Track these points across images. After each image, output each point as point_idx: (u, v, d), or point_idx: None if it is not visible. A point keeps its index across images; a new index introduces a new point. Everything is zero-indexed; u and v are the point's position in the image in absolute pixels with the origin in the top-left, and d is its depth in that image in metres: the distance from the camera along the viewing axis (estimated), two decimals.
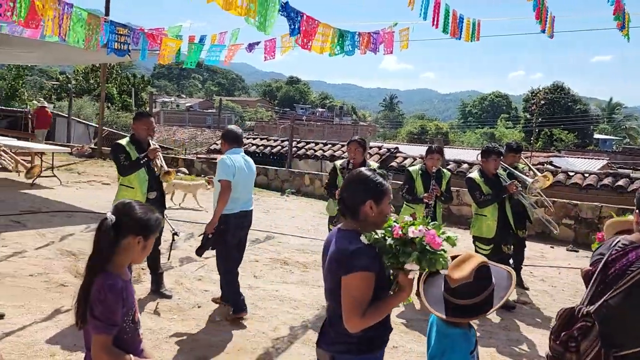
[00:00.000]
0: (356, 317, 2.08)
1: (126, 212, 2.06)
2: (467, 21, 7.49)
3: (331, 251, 2.21)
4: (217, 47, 8.73)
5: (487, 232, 5.30)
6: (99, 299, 1.95)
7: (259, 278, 5.92)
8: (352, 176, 2.30)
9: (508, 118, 67.68)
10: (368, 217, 2.18)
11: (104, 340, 1.96)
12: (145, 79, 36.05)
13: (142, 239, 2.07)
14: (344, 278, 2.10)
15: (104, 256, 2.01)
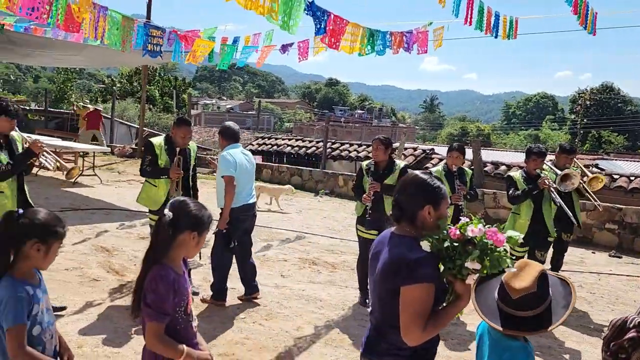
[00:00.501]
0: (418, 330, 1.99)
1: (182, 209, 2.14)
2: (504, 18, 7.31)
3: (385, 258, 2.11)
4: (250, 49, 8.82)
5: (519, 230, 5.04)
6: (151, 288, 2.05)
7: (286, 277, 5.93)
8: (408, 180, 2.22)
9: (554, 120, 65.69)
10: (426, 222, 2.10)
11: (156, 328, 2.04)
12: (186, 82, 36.81)
13: (197, 234, 2.15)
14: (405, 289, 2.00)
15: (160, 250, 2.11)
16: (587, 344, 4.69)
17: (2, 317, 2.00)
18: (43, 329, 2.11)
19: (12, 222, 2.08)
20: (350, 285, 5.75)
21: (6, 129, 4.01)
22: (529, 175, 5.22)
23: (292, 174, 13.50)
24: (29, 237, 2.06)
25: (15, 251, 2.08)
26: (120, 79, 34.00)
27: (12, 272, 2.07)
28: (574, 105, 49.53)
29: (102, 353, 3.79)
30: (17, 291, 2.02)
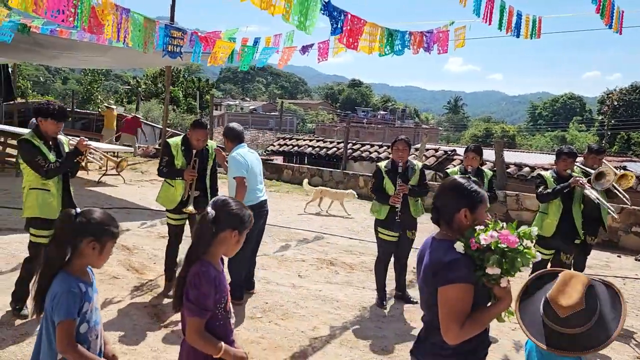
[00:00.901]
0: (455, 328, 2.03)
1: (224, 207, 2.18)
2: (527, 18, 7.20)
3: (426, 262, 2.19)
4: (270, 50, 8.85)
5: (545, 230, 5.01)
6: (194, 284, 2.08)
7: (303, 278, 5.93)
8: (446, 184, 2.28)
9: (581, 121, 64.38)
10: (462, 225, 2.15)
11: (197, 323, 2.07)
12: (209, 83, 37.21)
13: (237, 233, 2.20)
14: (441, 289, 2.07)
15: (202, 247, 2.15)
16: (611, 350, 4.58)
17: (55, 311, 2.06)
18: (90, 327, 2.16)
19: (70, 221, 2.15)
20: (368, 286, 5.73)
21: (53, 131, 4.14)
22: (560, 176, 5.16)
23: (313, 174, 13.51)
24: (85, 235, 2.14)
25: (72, 249, 2.15)
26: (145, 80, 34.55)
27: (68, 268, 2.15)
28: (602, 106, 48.42)
29: (119, 349, 3.84)
30: (71, 286, 2.09)
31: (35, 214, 4.12)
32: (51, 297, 2.09)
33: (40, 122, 4.13)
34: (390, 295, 5.40)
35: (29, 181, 4.14)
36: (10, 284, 4.92)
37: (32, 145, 4.09)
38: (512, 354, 4.37)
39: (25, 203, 4.15)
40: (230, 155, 4.89)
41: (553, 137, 55.32)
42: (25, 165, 4.12)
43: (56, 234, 2.16)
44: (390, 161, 5.28)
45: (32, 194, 4.13)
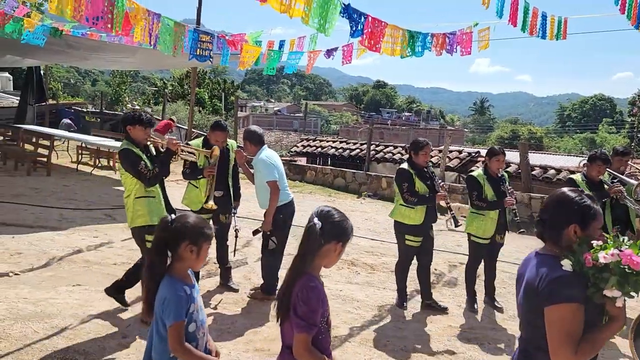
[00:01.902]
0: (568, 352, 1.88)
1: (328, 218, 2.15)
2: (552, 19, 7.13)
3: (528, 278, 2.05)
4: (296, 54, 8.93)
5: None
6: (303, 300, 2.06)
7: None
8: (554, 197, 2.12)
9: (612, 122, 62.95)
10: (571, 243, 1.99)
11: (306, 339, 2.06)
12: (234, 84, 37.63)
13: (341, 245, 2.16)
14: (549, 309, 1.92)
15: (307, 259, 2.13)
16: None
17: (165, 314, 2.19)
18: (197, 326, 2.27)
19: (167, 227, 2.25)
20: (388, 287, 5.76)
21: (143, 137, 4.23)
22: (590, 180, 5.13)
23: (336, 175, 13.58)
24: (182, 240, 2.22)
25: (172, 253, 2.25)
26: (172, 82, 35.15)
27: (171, 273, 2.26)
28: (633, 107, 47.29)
29: (144, 344, 3.97)
30: (177, 290, 2.20)
31: (148, 222, 4.13)
32: (160, 301, 2.21)
33: (129, 130, 4.20)
34: (410, 296, 5.42)
35: (132, 190, 4.18)
36: (42, 279, 5.13)
37: (133, 154, 4.15)
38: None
39: (134, 212, 4.17)
40: (259, 159, 4.94)
41: (582, 139, 54.24)
42: (127, 175, 4.16)
43: (156, 240, 2.27)
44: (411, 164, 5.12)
45: (140, 202, 4.17)
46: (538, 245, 2.18)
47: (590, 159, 5.24)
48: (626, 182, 5.36)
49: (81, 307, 4.55)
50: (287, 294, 2.11)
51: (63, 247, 6.21)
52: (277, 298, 2.18)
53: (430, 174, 5.10)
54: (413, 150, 5.12)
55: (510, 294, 5.85)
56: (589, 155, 5.42)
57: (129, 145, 4.18)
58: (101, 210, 8.30)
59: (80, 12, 4.37)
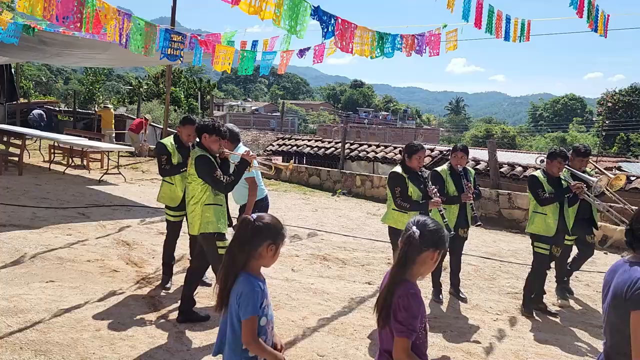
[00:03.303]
0: None
1: (425, 227, 2.21)
2: (515, 21, 7.41)
3: (617, 283, 2.06)
4: (270, 55, 9.05)
5: (547, 231, 5.20)
6: (404, 306, 2.14)
7: (296, 272, 6.15)
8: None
9: (582, 122, 64.51)
10: None
11: (406, 344, 2.14)
12: (211, 83, 37.47)
13: (437, 253, 2.23)
14: (635, 313, 1.93)
15: (406, 267, 2.20)
16: (586, 341, 4.80)
17: (241, 309, 2.27)
18: (268, 320, 2.36)
19: (251, 227, 2.32)
20: (358, 280, 5.95)
21: (216, 148, 4.29)
22: (550, 177, 5.30)
23: (311, 174, 13.74)
24: (265, 239, 2.32)
25: (251, 251, 2.33)
26: (147, 80, 34.85)
27: (247, 269, 2.34)
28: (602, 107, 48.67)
29: (117, 336, 4.07)
30: (254, 286, 2.29)
31: (217, 229, 4.24)
32: (236, 296, 2.28)
33: (204, 138, 4.25)
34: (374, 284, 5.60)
35: (201, 197, 4.22)
36: (15, 276, 5.17)
37: (210, 161, 4.21)
38: None
39: (203, 218, 4.22)
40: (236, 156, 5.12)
41: (553, 138, 55.48)
42: (197, 181, 4.21)
43: (239, 239, 2.34)
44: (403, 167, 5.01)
45: (210, 209, 4.23)
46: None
47: (550, 156, 5.39)
48: (585, 180, 5.57)
49: (54, 302, 4.61)
50: (387, 301, 2.18)
51: (36, 244, 6.24)
52: (377, 305, 2.25)
53: (424, 179, 5.03)
54: (407, 154, 5.01)
55: (475, 286, 6.10)
56: (548, 152, 5.57)
57: (204, 152, 4.23)
58: (75, 208, 8.30)
59: (50, 11, 4.44)
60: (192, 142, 5.13)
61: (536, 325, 5.05)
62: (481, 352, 4.37)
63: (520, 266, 7.18)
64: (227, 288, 2.32)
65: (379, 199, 11.85)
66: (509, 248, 8.04)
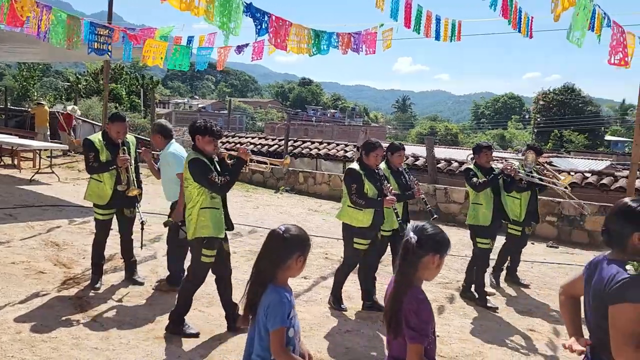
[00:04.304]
0: (629, 350, 1.98)
1: (423, 232, 2.23)
2: (445, 21, 7.65)
3: (597, 281, 2.15)
4: (206, 50, 8.94)
5: (483, 220, 5.42)
6: (414, 312, 2.16)
7: (233, 268, 6.12)
8: (618, 207, 2.24)
9: (520, 119, 67.26)
10: (636, 249, 2.10)
11: (419, 349, 2.16)
12: (154, 80, 36.55)
13: (439, 257, 2.24)
14: (613, 308, 2.03)
15: (409, 273, 2.22)
16: (509, 324, 5.06)
17: (269, 320, 2.26)
18: (295, 331, 2.35)
19: (281, 239, 2.33)
20: None
21: (210, 149, 4.16)
22: (482, 168, 5.57)
23: (254, 171, 13.68)
24: (295, 251, 2.33)
25: (280, 263, 2.33)
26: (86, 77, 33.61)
27: (275, 281, 2.34)
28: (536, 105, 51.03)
29: (39, 338, 3.95)
30: (282, 297, 2.29)
31: (211, 234, 4.11)
32: (265, 307, 2.28)
33: (197, 140, 4.13)
34: (316, 282, 5.69)
35: (198, 201, 4.08)
36: None
37: (204, 163, 4.07)
38: None
39: (197, 223, 4.08)
40: (169, 152, 5.07)
41: (494, 135, 57.63)
42: (194, 185, 4.07)
43: (269, 252, 2.35)
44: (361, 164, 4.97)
45: (205, 213, 4.09)
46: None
47: (476, 150, 5.72)
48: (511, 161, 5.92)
49: None
50: (395, 308, 2.21)
51: None
52: (385, 314, 2.29)
53: (380, 176, 4.97)
54: (364, 151, 4.98)
55: None
56: (473, 148, 5.92)
57: (197, 154, 4.12)
58: (2, 210, 7.94)
59: None
60: (121, 139, 5.04)
61: (462, 313, 5.29)
62: None
63: (453, 257, 7.45)
64: (256, 300, 2.33)
65: (322, 195, 11.97)
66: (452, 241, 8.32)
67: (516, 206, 6.07)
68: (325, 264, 6.65)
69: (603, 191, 9.70)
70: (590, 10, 5.79)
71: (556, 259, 7.80)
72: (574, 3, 5.57)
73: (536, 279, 6.64)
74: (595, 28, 6.11)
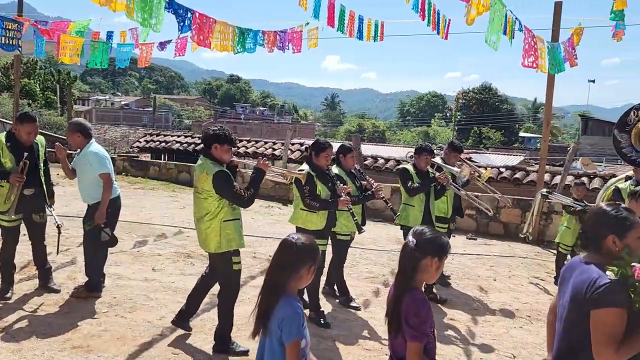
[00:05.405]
0: (610, 352, 2.06)
1: (422, 235, 2.27)
2: (368, 21, 7.84)
3: (577, 282, 2.20)
4: (127, 47, 8.61)
5: (414, 221, 5.48)
6: (414, 312, 2.21)
7: (157, 271, 5.98)
8: (594, 211, 2.33)
9: (442, 117, 70.08)
10: (611, 252, 2.18)
11: (418, 347, 2.21)
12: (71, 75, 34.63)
13: (437, 260, 2.27)
14: (595, 312, 2.09)
15: (408, 275, 2.27)
16: None
17: (284, 332, 2.21)
18: (307, 342, 2.30)
19: (292, 249, 2.29)
20: None
21: (227, 159, 3.99)
22: (419, 170, 5.62)
23: (181, 170, 13.39)
24: (307, 260, 2.30)
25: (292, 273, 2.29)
26: None
27: (287, 291, 2.29)
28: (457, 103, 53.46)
29: None
30: (295, 308, 2.25)
31: (240, 245, 4.03)
32: (279, 320, 2.23)
33: (215, 149, 3.91)
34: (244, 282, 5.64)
35: (218, 213, 3.90)
36: None
37: (229, 176, 3.89)
38: None
39: (223, 236, 3.92)
40: (90, 151, 4.85)
41: (419, 132, 59.69)
42: (215, 197, 3.86)
43: (282, 262, 2.30)
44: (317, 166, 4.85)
45: (230, 226, 3.95)
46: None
47: (417, 151, 5.72)
48: (450, 170, 6.03)
49: None
50: (396, 310, 2.26)
51: None
52: (387, 315, 2.34)
53: (332, 177, 4.88)
54: (314, 152, 4.84)
55: None
56: (415, 148, 5.92)
57: (218, 166, 3.90)
58: None
59: None
60: (31, 142, 4.73)
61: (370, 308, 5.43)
62: (334, 334, 4.60)
63: (379, 252, 7.68)
64: (268, 311, 2.28)
65: None
66: (370, 236, 8.52)
67: (443, 203, 6.22)
68: (253, 262, 6.63)
69: (516, 185, 10.34)
70: (503, 15, 6.15)
71: (475, 250, 8.23)
72: (488, 8, 5.91)
73: (456, 270, 6.98)
74: (507, 32, 6.51)
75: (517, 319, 5.39)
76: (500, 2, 5.89)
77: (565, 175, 9.87)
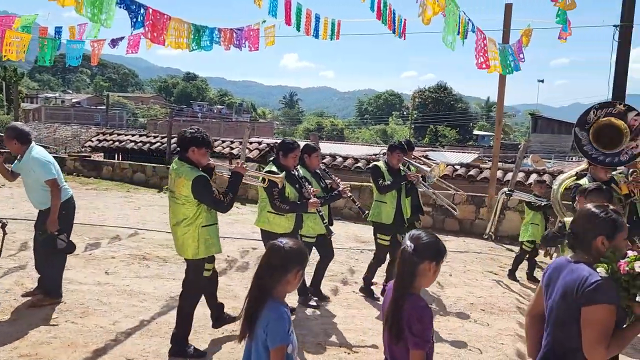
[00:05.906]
0: (602, 349, 2.10)
1: (419, 240, 2.22)
2: (325, 20, 7.85)
3: (568, 281, 2.22)
4: (77, 44, 8.30)
5: (386, 219, 5.52)
6: (417, 318, 2.18)
7: (110, 274, 5.81)
8: (584, 212, 2.34)
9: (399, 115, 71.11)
10: (600, 252, 2.22)
11: (421, 355, 2.18)
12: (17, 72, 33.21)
13: (435, 264, 2.23)
14: (586, 309, 2.12)
15: (407, 281, 2.22)
16: None
17: (269, 337, 2.18)
18: (293, 347, 2.28)
19: (282, 253, 2.26)
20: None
21: (204, 162, 3.91)
22: (390, 167, 5.64)
23: (135, 170, 13.06)
24: (294, 265, 2.28)
25: (280, 277, 2.26)
26: None
27: (274, 296, 2.26)
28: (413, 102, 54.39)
29: None
30: (282, 313, 2.22)
31: (218, 250, 4.05)
32: (264, 324, 2.20)
33: (193, 152, 3.82)
34: None
35: (196, 218, 3.83)
36: None
37: (207, 181, 3.81)
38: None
39: (202, 242, 3.88)
40: (32, 157, 4.62)
41: (377, 131, 60.37)
42: (193, 203, 3.77)
43: (269, 266, 2.27)
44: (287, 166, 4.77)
45: (209, 231, 3.92)
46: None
47: (390, 149, 5.75)
48: (420, 169, 6.11)
49: None
50: (397, 316, 2.22)
51: None
52: (385, 322, 2.29)
53: (299, 178, 4.79)
54: (282, 152, 4.74)
55: None
56: (389, 145, 5.96)
57: (196, 170, 3.80)
58: None
59: None
60: None
61: (346, 304, 5.48)
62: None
63: (337, 250, 7.67)
64: (255, 315, 2.25)
65: None
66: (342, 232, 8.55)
67: None
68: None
69: (470, 182, 10.60)
70: (457, 15, 6.28)
71: None
72: (443, 8, 6.01)
73: None
74: (460, 32, 6.64)
75: (471, 312, 5.52)
76: (454, 2, 6.00)
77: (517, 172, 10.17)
